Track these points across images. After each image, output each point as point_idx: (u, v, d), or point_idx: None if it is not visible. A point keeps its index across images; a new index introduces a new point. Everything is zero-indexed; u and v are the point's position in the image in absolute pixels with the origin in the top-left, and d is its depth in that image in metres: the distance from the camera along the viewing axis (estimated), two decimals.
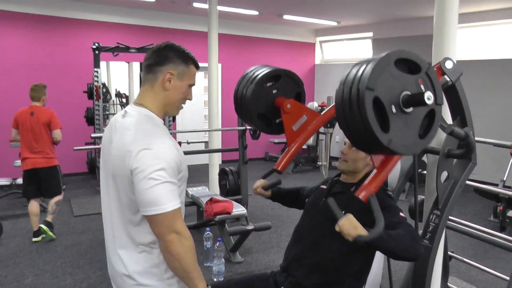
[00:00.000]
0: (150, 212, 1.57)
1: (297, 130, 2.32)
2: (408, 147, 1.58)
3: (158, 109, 1.74)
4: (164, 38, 8.06)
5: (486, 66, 7.78)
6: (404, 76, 1.57)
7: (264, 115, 2.34)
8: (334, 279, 2.14)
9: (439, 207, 2.19)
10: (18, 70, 7.52)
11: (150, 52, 1.75)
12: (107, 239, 1.86)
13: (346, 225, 1.70)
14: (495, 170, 7.00)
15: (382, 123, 1.52)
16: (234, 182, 5.98)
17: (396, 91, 1.54)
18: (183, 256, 1.61)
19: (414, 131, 1.60)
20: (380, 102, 1.51)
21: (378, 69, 1.51)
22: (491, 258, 4.65)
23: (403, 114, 1.56)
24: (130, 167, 1.57)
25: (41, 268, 4.32)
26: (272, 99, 2.33)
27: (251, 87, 2.27)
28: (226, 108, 9.00)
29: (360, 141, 1.60)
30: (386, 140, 1.51)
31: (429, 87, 1.61)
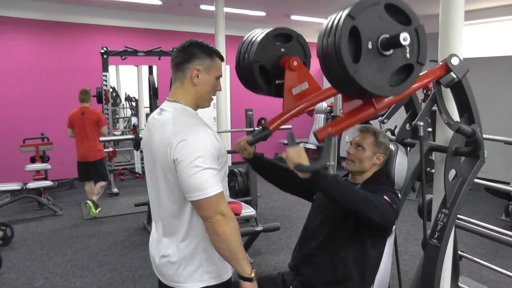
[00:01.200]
0: (195, 197, 1.66)
1: (296, 96, 2.26)
2: (374, 86, 1.59)
3: (190, 103, 1.84)
4: (171, 41, 8.14)
5: (494, 63, 7.71)
6: (390, 21, 1.59)
7: (266, 70, 2.28)
8: (343, 278, 2.12)
9: (447, 206, 2.17)
10: (27, 76, 7.57)
11: (176, 51, 1.84)
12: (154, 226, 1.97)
13: (292, 152, 1.77)
14: (507, 169, 6.93)
15: (355, 55, 1.54)
16: (243, 184, 5.98)
17: (377, 31, 1.56)
18: (230, 237, 1.69)
19: (385, 75, 1.61)
20: (358, 34, 1.52)
21: (365, 3, 1.53)
22: (503, 258, 4.60)
23: (379, 56, 1.57)
24: (172, 157, 1.67)
25: (51, 271, 4.34)
26: (278, 57, 2.28)
27: (260, 36, 2.23)
28: (234, 110, 9.00)
29: (331, 70, 1.62)
30: (353, 69, 1.52)
31: (414, 43, 1.60)
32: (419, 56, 1.62)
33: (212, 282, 1.82)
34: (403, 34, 1.50)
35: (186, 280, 1.81)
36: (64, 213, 6.28)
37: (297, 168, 1.75)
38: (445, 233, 2.16)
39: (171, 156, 1.67)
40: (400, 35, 1.50)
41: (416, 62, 1.62)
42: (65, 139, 7.71)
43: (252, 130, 5.81)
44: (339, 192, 1.85)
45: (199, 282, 1.80)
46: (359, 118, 1.84)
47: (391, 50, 1.60)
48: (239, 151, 2.34)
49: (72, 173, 7.91)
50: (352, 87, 1.63)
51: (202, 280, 1.80)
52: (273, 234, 5.25)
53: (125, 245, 5.04)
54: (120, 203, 6.82)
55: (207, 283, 1.81)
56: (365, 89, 1.57)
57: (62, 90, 7.86)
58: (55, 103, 7.81)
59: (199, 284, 1.80)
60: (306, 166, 1.74)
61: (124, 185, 7.95)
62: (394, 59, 1.60)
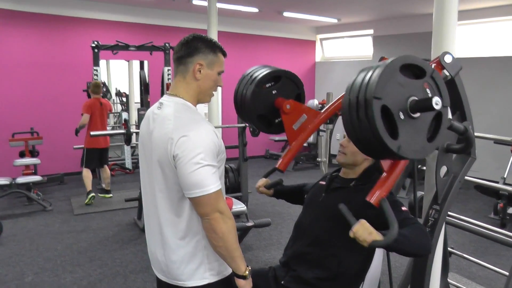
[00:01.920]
0: (194, 194, 1.66)
1: (297, 129, 2.34)
2: (418, 152, 1.59)
3: (192, 98, 1.83)
4: (163, 36, 8.11)
5: (486, 64, 7.76)
6: (409, 81, 1.58)
7: (264, 116, 2.37)
8: (335, 274, 2.13)
9: (439, 202, 2.18)
10: (17, 69, 7.51)
11: (179, 45, 1.83)
12: (149, 224, 1.94)
13: (360, 231, 1.70)
14: (496, 168, 6.99)
15: (391, 130, 1.52)
16: (234, 180, 5.98)
17: (403, 98, 1.55)
18: (227, 235, 1.69)
19: (423, 136, 1.60)
20: (387, 109, 1.51)
21: (384, 77, 1.51)
22: (491, 255, 4.64)
23: (411, 120, 1.56)
24: (172, 153, 1.67)
25: (41, 266, 4.32)
26: (272, 100, 2.36)
27: (250, 88, 2.30)
28: (226, 106, 8.99)
29: (370, 149, 1.61)
30: (396, 147, 1.51)
31: (435, 90, 1.61)
32: (443, 100, 1.61)
33: (214, 279, 1.82)
34: (435, 99, 1.48)
35: (188, 277, 1.80)
36: (54, 208, 6.25)
37: (373, 246, 1.70)
38: (436, 228, 2.17)
39: (171, 152, 1.67)
40: (432, 100, 1.49)
41: (442, 107, 1.62)
42: (55, 134, 7.70)
43: (243, 127, 5.81)
44: (407, 247, 1.82)
45: (202, 279, 1.80)
46: (400, 170, 1.84)
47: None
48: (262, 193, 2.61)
49: (62, 168, 7.89)
50: (395, 158, 1.65)
51: (204, 277, 1.80)
52: (264, 230, 5.27)
53: (116, 240, 5.03)
54: (110, 198, 6.79)
55: (209, 280, 1.81)
56: (411, 159, 1.59)
57: (52, 84, 7.81)
58: (45, 97, 7.76)
59: (201, 281, 1.80)
60: (381, 242, 1.69)
61: (115, 181, 7.91)
62: (424, 116, 1.59)
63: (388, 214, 1.71)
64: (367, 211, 1.92)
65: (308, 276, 2.17)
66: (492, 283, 4.00)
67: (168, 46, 7.59)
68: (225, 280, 1.86)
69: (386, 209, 1.72)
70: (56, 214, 6.00)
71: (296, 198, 2.69)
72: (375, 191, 1.78)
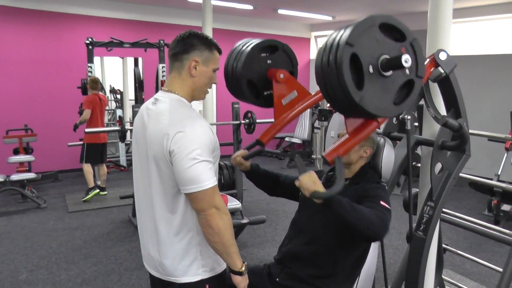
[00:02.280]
0: (191, 190, 1.66)
1: (286, 105, 2.29)
2: (380, 109, 1.60)
3: (186, 94, 1.83)
4: (158, 33, 8.08)
5: (481, 61, 7.78)
6: (387, 41, 1.59)
7: (254, 83, 2.30)
8: (330, 271, 2.14)
9: (433, 199, 2.19)
10: (11, 66, 7.47)
11: (175, 41, 1.83)
12: (142, 220, 1.94)
13: (306, 179, 1.76)
14: (490, 165, 7.03)
15: (358, 81, 1.53)
16: (229, 177, 5.97)
17: (376, 53, 1.56)
18: (223, 230, 1.70)
19: (389, 96, 1.62)
20: (358, 60, 1.52)
21: (360, 28, 1.53)
22: (485, 251, 4.67)
23: (380, 77, 1.58)
24: (168, 148, 1.67)
25: (35, 264, 4.31)
26: (265, 69, 2.30)
27: (246, 51, 2.24)
28: (220, 103, 8.98)
29: (335, 99, 1.61)
30: (358, 97, 1.52)
31: (411, 57, 1.61)
32: (418, 70, 1.62)
33: (207, 275, 1.82)
34: (404, 56, 1.50)
35: (181, 274, 1.81)
36: (48, 205, 6.23)
37: (314, 196, 1.74)
38: (431, 225, 2.18)
39: (167, 147, 1.67)
40: (401, 57, 1.50)
41: (416, 77, 1.63)
42: (49, 131, 7.68)
43: (238, 124, 5.81)
44: (352, 217, 1.83)
45: (195, 276, 1.80)
46: (364, 135, 1.85)
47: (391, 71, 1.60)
48: (236, 165, 2.46)
49: (56, 165, 7.86)
50: (358, 112, 1.64)
51: (197, 274, 1.81)
52: (258, 227, 5.27)
53: (110, 237, 5.02)
54: (105, 195, 6.78)
55: (202, 276, 1.81)
56: (372, 114, 1.59)
57: (46, 81, 7.78)
58: (39, 94, 7.73)
59: (195, 278, 1.80)
60: (323, 193, 1.73)
61: (109, 178, 7.88)
62: (394, 78, 1.59)
63: (338, 172, 1.74)
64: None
65: (303, 273, 2.17)
66: (486, 280, 4.03)
67: (162, 43, 7.57)
68: (218, 277, 1.87)
69: (337, 167, 1.75)
70: (51, 212, 5.98)
71: (267, 184, 2.58)
72: (333, 148, 1.82)
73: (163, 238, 1.81)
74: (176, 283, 1.82)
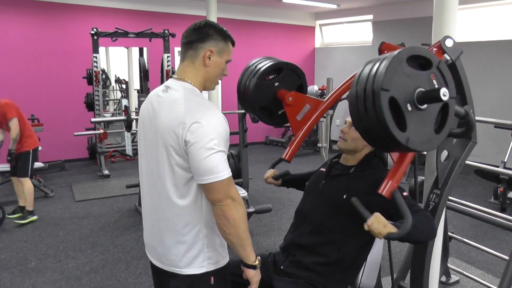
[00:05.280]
0: (208, 180, 1.64)
1: (301, 119, 2.37)
2: (425, 144, 1.59)
3: (199, 84, 1.82)
4: (162, 23, 8.07)
5: (487, 48, 7.72)
6: (416, 72, 1.58)
7: (266, 107, 2.41)
8: (335, 259, 2.15)
9: (439, 186, 2.19)
10: (17, 57, 7.49)
11: (190, 30, 1.81)
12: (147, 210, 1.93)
13: (375, 224, 1.71)
14: (496, 152, 7.00)
15: (399, 122, 1.52)
16: (234, 166, 5.97)
17: (410, 89, 1.55)
18: (239, 222, 1.69)
19: (430, 127, 1.61)
20: (395, 101, 1.51)
21: (391, 69, 1.51)
22: (491, 239, 4.67)
23: (418, 111, 1.56)
24: (184, 138, 1.64)
25: (44, 252, 4.35)
26: (274, 92, 2.39)
27: (253, 81, 2.33)
28: (225, 92, 8.98)
29: (378, 141, 1.61)
30: (404, 139, 1.52)
31: (441, 81, 1.61)
32: (450, 91, 1.61)
33: (212, 268, 1.81)
34: (442, 90, 1.48)
35: (187, 265, 1.79)
36: (56, 195, 6.28)
37: (388, 238, 1.73)
38: (437, 213, 2.18)
39: (183, 137, 1.64)
40: (439, 91, 1.48)
41: (449, 98, 1.62)
42: (56, 121, 7.72)
43: (243, 113, 5.80)
44: (418, 236, 1.86)
45: (200, 268, 1.79)
46: (409, 160, 1.84)
47: None
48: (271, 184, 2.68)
49: (63, 154, 7.91)
50: (403, 150, 1.65)
51: (202, 266, 1.79)
52: (264, 216, 5.29)
53: (117, 226, 5.05)
54: (111, 185, 6.82)
55: (207, 268, 1.80)
56: (419, 151, 1.60)
57: (52, 71, 7.80)
58: (45, 84, 7.76)
59: (199, 270, 1.79)
60: (396, 234, 1.71)
61: (115, 167, 7.94)
62: (431, 108, 1.58)
63: (401, 206, 1.71)
64: (369, 198, 1.93)
65: (307, 261, 2.18)
66: (492, 268, 4.03)
67: (167, 32, 7.56)
68: (221, 270, 1.86)
69: (399, 201, 1.72)
70: (58, 201, 6.03)
71: (299, 187, 2.70)
72: (387, 182, 1.77)
73: (170, 229, 1.79)
74: (180, 274, 1.80)
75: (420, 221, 1.86)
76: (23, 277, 3.85)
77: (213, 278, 1.82)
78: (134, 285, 3.72)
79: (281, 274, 2.24)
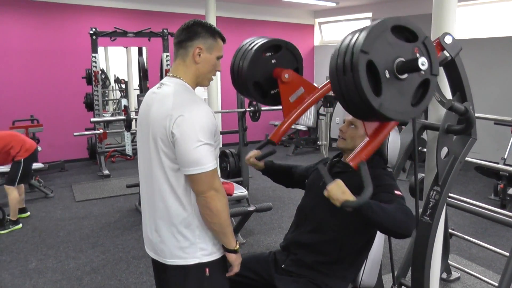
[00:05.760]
0: (192, 171, 1.71)
1: (294, 102, 2.31)
2: (400, 113, 1.60)
3: (191, 80, 1.88)
4: (161, 22, 8.06)
5: (487, 45, 7.72)
6: (400, 43, 1.59)
7: (260, 84, 2.33)
8: (336, 258, 2.15)
9: (439, 183, 2.19)
10: (16, 57, 7.47)
11: (180, 30, 1.88)
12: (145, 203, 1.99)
13: (335, 190, 1.74)
14: (496, 149, 7.00)
15: (375, 88, 1.53)
16: (234, 165, 5.99)
17: (390, 57, 1.56)
18: (221, 212, 1.76)
19: (407, 99, 1.61)
20: (373, 66, 1.52)
21: (373, 34, 1.52)
22: (491, 236, 4.67)
23: (397, 81, 1.57)
24: (171, 129, 1.70)
25: (44, 253, 4.35)
26: (270, 69, 2.33)
27: (250, 53, 2.27)
28: (225, 91, 8.97)
29: (353, 106, 1.61)
30: (378, 103, 1.52)
31: (425, 56, 1.60)
32: (432, 68, 1.62)
33: (206, 259, 1.85)
34: (421, 59, 1.49)
35: (180, 256, 1.84)
36: (56, 195, 6.27)
37: (345, 205, 1.72)
38: (437, 210, 2.18)
39: (170, 128, 1.70)
40: (417, 60, 1.49)
41: (431, 75, 1.62)
42: (55, 121, 7.73)
43: (243, 111, 5.80)
44: (383, 219, 1.82)
45: (193, 259, 1.84)
46: (384, 136, 1.84)
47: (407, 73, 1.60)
48: (251, 166, 2.55)
49: (63, 155, 7.91)
50: (377, 118, 1.65)
51: (195, 257, 1.84)
52: (265, 215, 5.29)
53: (117, 226, 5.05)
54: (111, 185, 6.82)
55: (200, 259, 1.84)
56: (392, 119, 1.59)
57: (51, 71, 7.79)
58: (44, 84, 7.74)
59: (192, 260, 1.84)
60: (353, 202, 1.71)
61: (115, 167, 7.93)
62: (410, 79, 1.59)
63: (364, 177, 1.72)
64: None
65: (309, 260, 2.18)
66: (492, 264, 4.03)
67: (166, 32, 7.55)
68: (218, 261, 1.90)
69: (364, 173, 1.74)
70: (58, 201, 6.02)
71: (283, 178, 2.67)
72: (357, 153, 1.80)
73: (163, 220, 1.85)
74: (174, 265, 1.86)
75: (394, 210, 1.85)
76: (23, 277, 3.85)
77: (208, 269, 1.86)
78: (135, 284, 3.72)
79: (282, 273, 2.24)
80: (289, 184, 2.69)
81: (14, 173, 5.02)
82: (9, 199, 4.99)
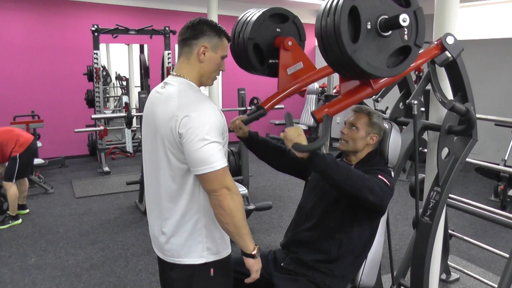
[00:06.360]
0: (202, 170, 1.67)
1: (291, 75, 2.28)
2: (372, 67, 1.61)
3: (195, 79, 1.85)
4: (163, 20, 8.06)
5: (488, 46, 7.71)
6: (390, 3, 1.61)
7: (260, 48, 2.29)
8: (336, 256, 2.15)
9: (440, 184, 2.19)
10: (17, 53, 7.48)
11: (185, 27, 1.85)
12: (150, 202, 1.96)
13: (292, 131, 1.77)
14: (496, 150, 7.00)
15: (354, 35, 1.55)
16: (235, 163, 5.97)
17: (377, 12, 1.58)
18: (235, 211, 1.70)
19: (383, 57, 1.63)
20: (357, 14, 1.54)
21: None
22: (491, 237, 4.66)
23: (377, 36, 1.60)
24: (178, 130, 1.68)
25: (44, 248, 4.35)
26: (273, 36, 2.30)
27: (256, 14, 2.23)
28: (226, 89, 8.96)
29: (330, 50, 1.63)
30: (351, 49, 1.54)
31: (413, 25, 1.62)
32: (417, 38, 1.63)
33: (212, 258, 1.83)
34: (402, 15, 1.51)
35: (185, 255, 1.82)
36: (56, 191, 6.27)
37: (295, 147, 1.73)
38: (437, 210, 2.18)
39: (176, 129, 1.68)
40: (399, 16, 1.51)
41: (413, 44, 1.63)
42: (56, 117, 7.73)
43: (244, 110, 5.80)
44: (337, 173, 1.84)
45: (199, 258, 1.81)
46: (357, 99, 1.85)
47: (390, 31, 1.61)
48: (234, 130, 2.38)
49: (63, 151, 7.92)
50: (350, 68, 1.64)
51: (202, 256, 1.81)
52: (264, 214, 5.28)
53: (117, 223, 5.05)
54: (111, 181, 6.82)
55: (207, 259, 1.82)
56: (363, 69, 1.59)
57: (52, 68, 7.79)
58: (45, 80, 7.75)
59: (199, 260, 1.81)
60: (304, 146, 1.73)
61: (115, 164, 7.93)
62: (392, 40, 1.61)
63: (323, 130, 1.75)
64: None
65: (308, 258, 2.18)
66: (492, 266, 4.03)
67: (168, 29, 7.55)
68: (223, 261, 1.87)
69: (325, 124, 1.76)
70: (58, 197, 6.02)
71: (269, 156, 2.49)
72: (323, 107, 1.83)
73: (169, 219, 1.83)
74: (180, 264, 1.84)
75: (357, 174, 1.90)
76: (23, 273, 3.85)
77: (213, 270, 1.84)
78: (134, 282, 3.72)
79: (281, 271, 2.23)
80: (276, 164, 2.51)
81: (11, 169, 5.00)
82: (8, 194, 4.98)
